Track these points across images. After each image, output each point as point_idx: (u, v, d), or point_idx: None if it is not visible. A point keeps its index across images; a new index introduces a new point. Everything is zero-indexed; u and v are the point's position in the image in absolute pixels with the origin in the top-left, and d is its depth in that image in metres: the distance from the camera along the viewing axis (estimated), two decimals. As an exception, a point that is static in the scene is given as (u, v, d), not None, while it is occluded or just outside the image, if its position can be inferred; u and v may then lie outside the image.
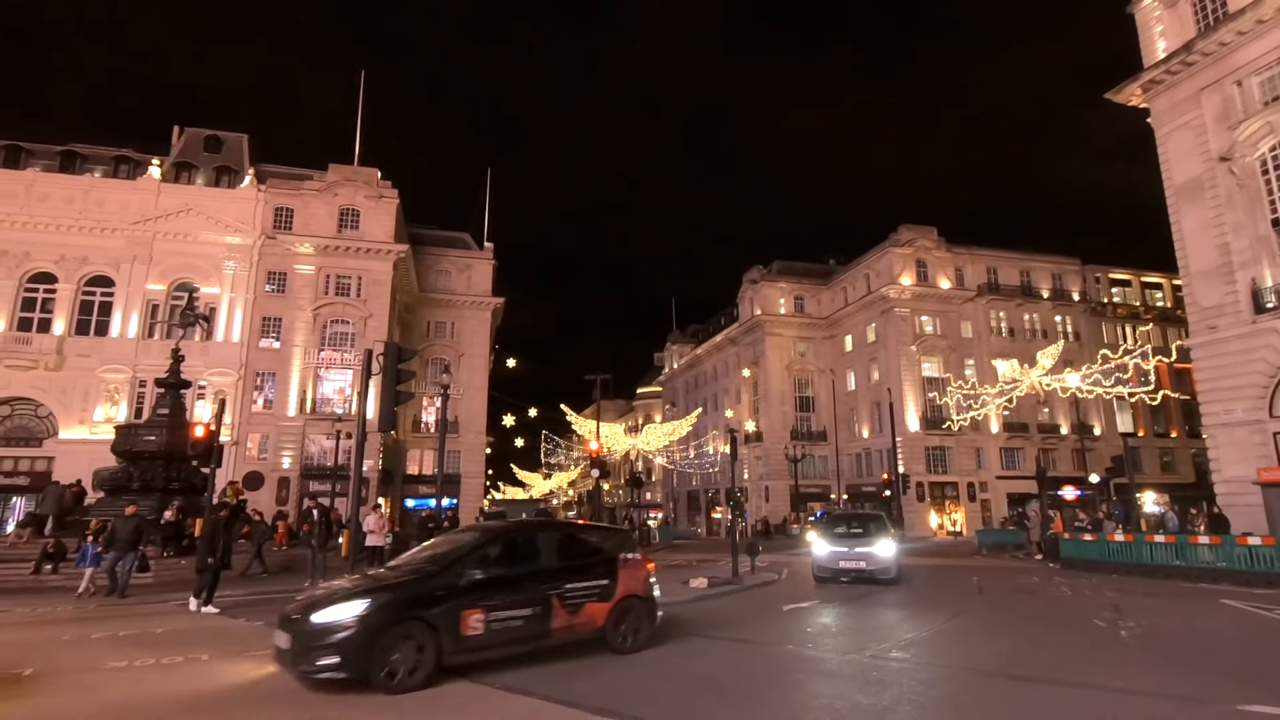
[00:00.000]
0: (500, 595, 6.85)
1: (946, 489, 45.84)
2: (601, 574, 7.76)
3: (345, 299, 39.35)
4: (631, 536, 9.42)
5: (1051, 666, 7.25)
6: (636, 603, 7.92)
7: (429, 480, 41.68)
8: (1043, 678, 6.73)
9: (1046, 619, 10.64)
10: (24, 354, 34.73)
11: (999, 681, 6.62)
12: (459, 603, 6.54)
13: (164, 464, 18.91)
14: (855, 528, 15.69)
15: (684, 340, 74.81)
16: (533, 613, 7.00)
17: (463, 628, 6.48)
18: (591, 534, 8.85)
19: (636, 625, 7.87)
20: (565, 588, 7.33)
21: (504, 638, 6.78)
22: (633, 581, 7.96)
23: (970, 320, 48.80)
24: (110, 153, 39.96)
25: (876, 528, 15.37)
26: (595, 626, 7.49)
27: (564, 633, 7.23)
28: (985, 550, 27.21)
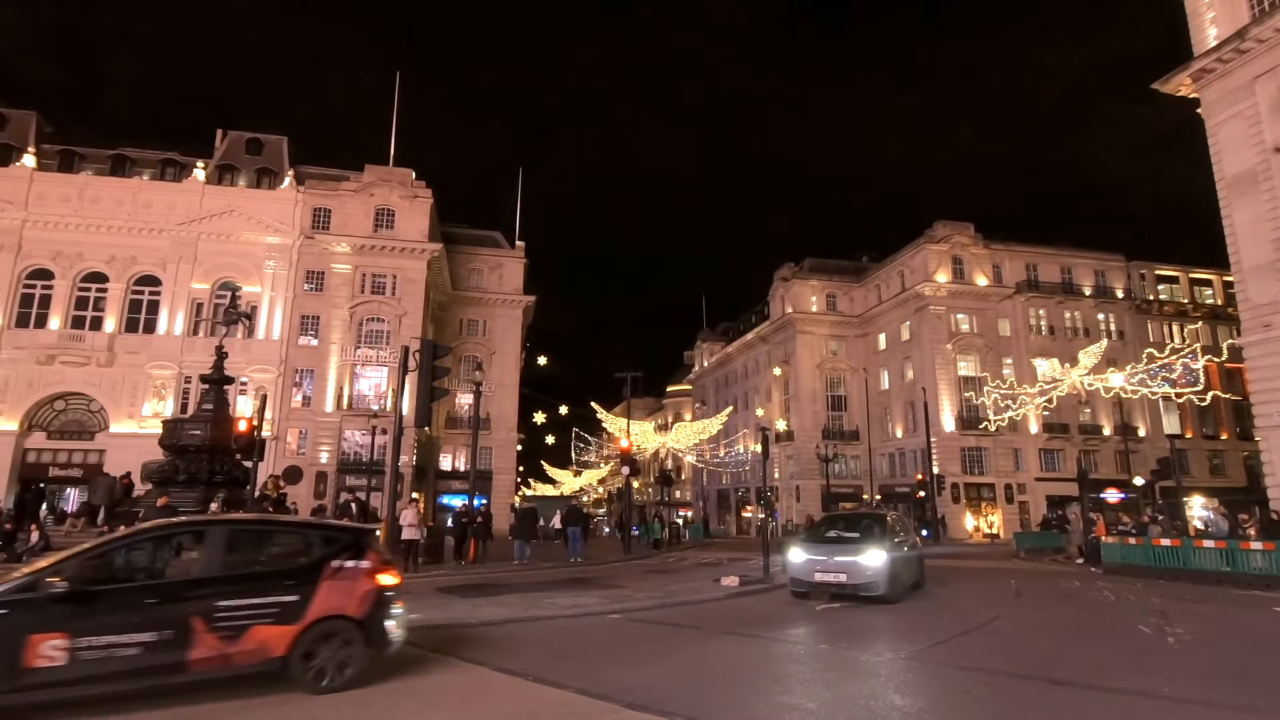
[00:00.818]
0: (103, 614, 5.25)
1: (983, 491, 44.93)
2: (287, 587, 5.91)
3: (381, 297, 40.10)
4: (366, 535, 6.94)
5: (1094, 672, 7.06)
6: (345, 627, 6.00)
7: (462, 476, 42.26)
8: (1084, 683, 6.56)
9: (1088, 624, 10.38)
10: (77, 351, 36.16)
11: (1038, 685, 6.48)
12: (22, 623, 5.04)
13: (208, 457, 19.45)
14: (849, 531, 12.82)
15: (714, 338, 74.54)
16: (157, 638, 5.32)
17: (26, 657, 4.97)
18: (284, 533, 6.93)
19: (342, 658, 5.93)
20: (218, 604, 5.59)
21: (102, 670, 5.15)
22: (341, 598, 6.03)
23: (1008, 318, 47.71)
24: (157, 156, 41.30)
25: (877, 532, 12.34)
26: (268, 656, 5.71)
27: (212, 665, 5.51)
28: (1024, 553, 26.59)
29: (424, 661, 7.25)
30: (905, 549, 12.75)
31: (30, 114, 40.62)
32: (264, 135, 43.20)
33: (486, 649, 7.72)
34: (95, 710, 5.21)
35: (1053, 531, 30.35)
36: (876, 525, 12.88)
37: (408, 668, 6.96)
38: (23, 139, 39.16)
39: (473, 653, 7.49)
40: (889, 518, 13.90)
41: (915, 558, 13.62)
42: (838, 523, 14.08)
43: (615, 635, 9.17)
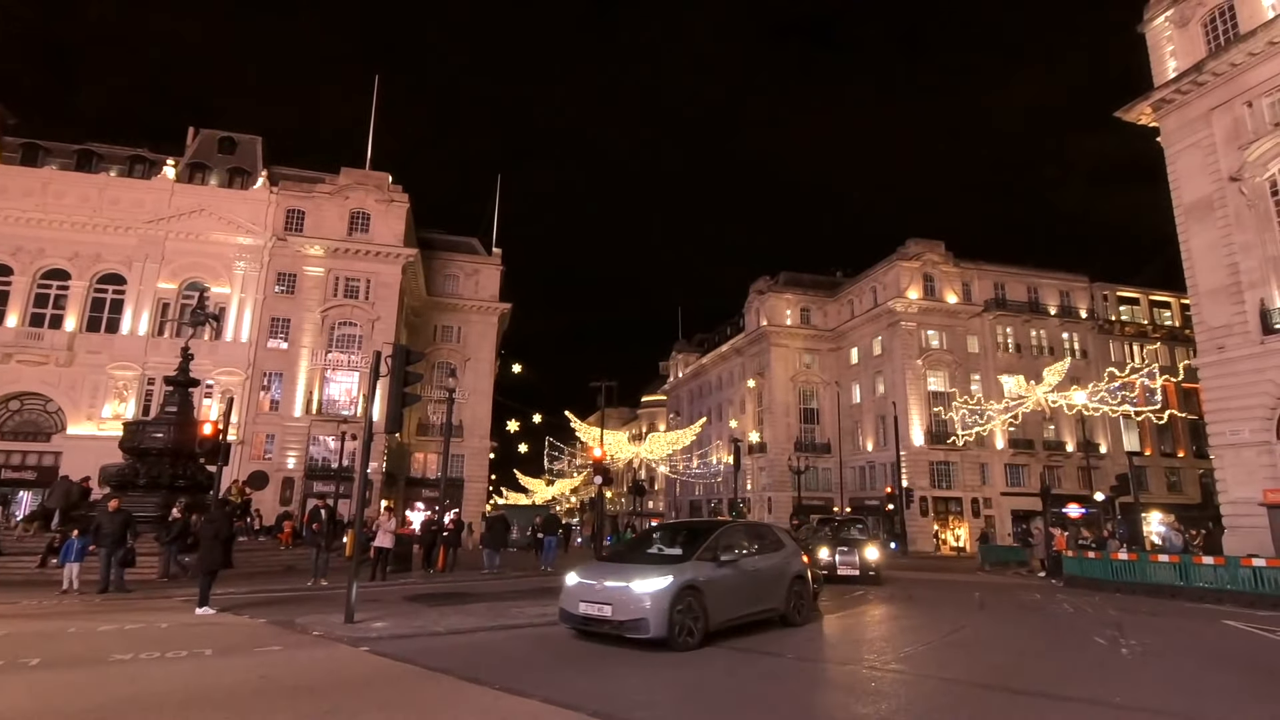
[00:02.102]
0: None
1: (950, 504, 45.65)
2: None
3: (354, 301, 39.63)
4: None
5: (1052, 681, 7.25)
6: None
7: (432, 484, 41.75)
8: (1043, 692, 6.73)
9: (1048, 635, 10.61)
10: (35, 349, 35.10)
11: (999, 695, 6.63)
12: None
13: (171, 461, 19.05)
14: (672, 546, 9.64)
15: (689, 349, 74.86)
16: None
17: None
18: None
19: None
20: None
21: None
22: None
23: (977, 335, 48.73)
24: (126, 152, 40.47)
25: (698, 544, 9.16)
26: None
27: None
28: (989, 566, 27.06)
29: (389, 670, 7.17)
30: (737, 567, 9.16)
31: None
32: (237, 134, 42.60)
33: (453, 658, 7.66)
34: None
35: (1017, 545, 30.95)
36: (703, 535, 9.49)
37: (372, 676, 6.89)
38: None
39: (439, 661, 7.43)
40: (737, 525, 10.72)
41: (770, 577, 9.82)
42: (672, 532, 10.39)
43: (584, 645, 9.14)
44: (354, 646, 8.35)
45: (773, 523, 19.13)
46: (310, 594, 13.90)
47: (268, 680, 6.69)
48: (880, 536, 21.43)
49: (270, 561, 19.74)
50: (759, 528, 11.45)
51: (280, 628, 9.69)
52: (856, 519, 20.67)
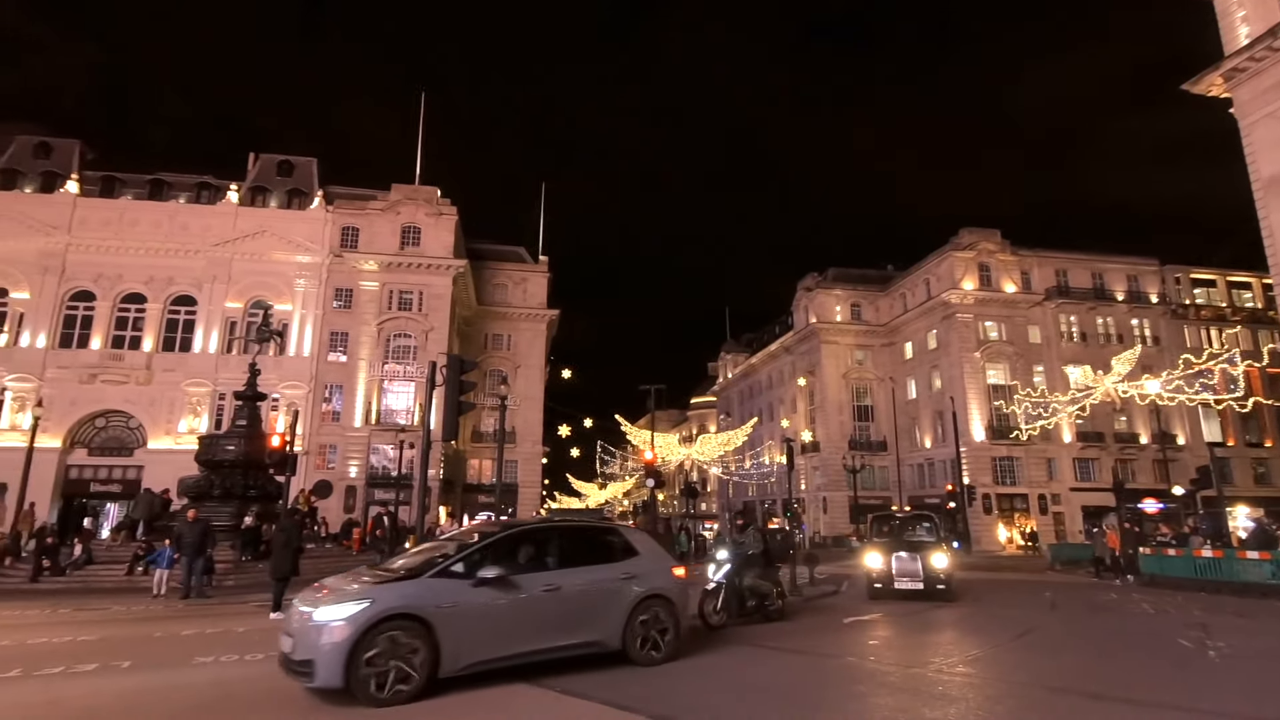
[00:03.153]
0: None
1: (1016, 501, 44.00)
2: None
3: (407, 313, 40.77)
4: None
5: (1130, 685, 6.91)
6: None
7: (488, 489, 42.55)
8: (1120, 696, 6.42)
9: (1126, 637, 10.13)
10: (117, 369, 37.29)
11: (1072, 699, 6.36)
12: None
13: (243, 472, 19.90)
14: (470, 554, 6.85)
15: (738, 350, 74.29)
16: None
17: None
18: None
19: None
20: None
21: None
22: None
23: (1038, 325, 46.90)
24: (193, 180, 42.60)
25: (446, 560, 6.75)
26: None
27: None
28: (1059, 565, 25.97)
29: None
30: (511, 585, 6.61)
31: (73, 142, 42.22)
32: (294, 157, 44.35)
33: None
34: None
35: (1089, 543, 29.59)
36: (500, 542, 7.13)
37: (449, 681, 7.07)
38: (66, 166, 40.68)
39: (500, 664, 7.55)
40: (540, 528, 7.93)
41: (590, 598, 7.18)
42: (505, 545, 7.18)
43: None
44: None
45: (617, 524, 12.03)
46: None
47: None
48: (946, 536, 16.54)
49: (337, 568, 20.42)
50: (593, 531, 8.59)
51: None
52: (923, 516, 16.06)
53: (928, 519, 15.71)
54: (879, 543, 14.71)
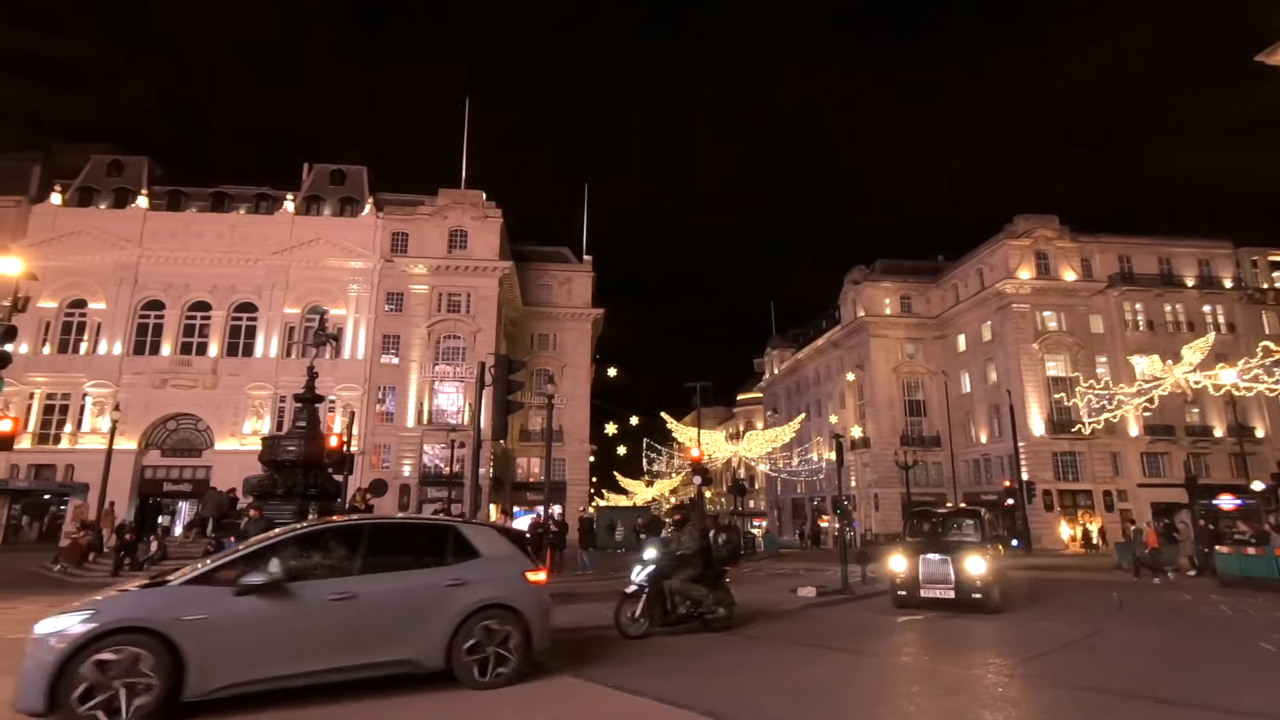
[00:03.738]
0: None
1: (1079, 498, 42.31)
2: None
3: (456, 315, 41.65)
4: None
5: (1207, 691, 6.58)
6: None
7: (536, 487, 43.12)
8: (1196, 703, 6.12)
9: (1201, 639, 9.65)
10: (185, 374, 39.17)
11: (1143, 705, 6.10)
12: None
13: (303, 472, 20.60)
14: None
15: (784, 345, 73.41)
16: None
17: None
18: None
19: None
20: None
21: None
22: None
23: (1101, 314, 44.96)
24: (251, 191, 44.39)
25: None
26: None
27: None
28: (1127, 564, 24.87)
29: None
30: (287, 594, 5.72)
31: (142, 159, 44.47)
32: (346, 166, 45.73)
33: (564, 656, 7.89)
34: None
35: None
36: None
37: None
38: (136, 182, 42.88)
39: (552, 660, 7.67)
40: (347, 525, 6.76)
41: (397, 609, 6.16)
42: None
43: (690, 644, 9.18)
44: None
45: (489, 523, 11.65)
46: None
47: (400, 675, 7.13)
48: (1000, 535, 14.10)
49: (393, 563, 21.03)
50: (420, 529, 7.46)
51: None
52: (968, 512, 14.27)
53: (973, 515, 13.49)
54: (911, 543, 12.71)
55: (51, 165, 42.85)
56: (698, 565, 9.71)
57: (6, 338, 9.19)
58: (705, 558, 9.90)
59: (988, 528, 12.66)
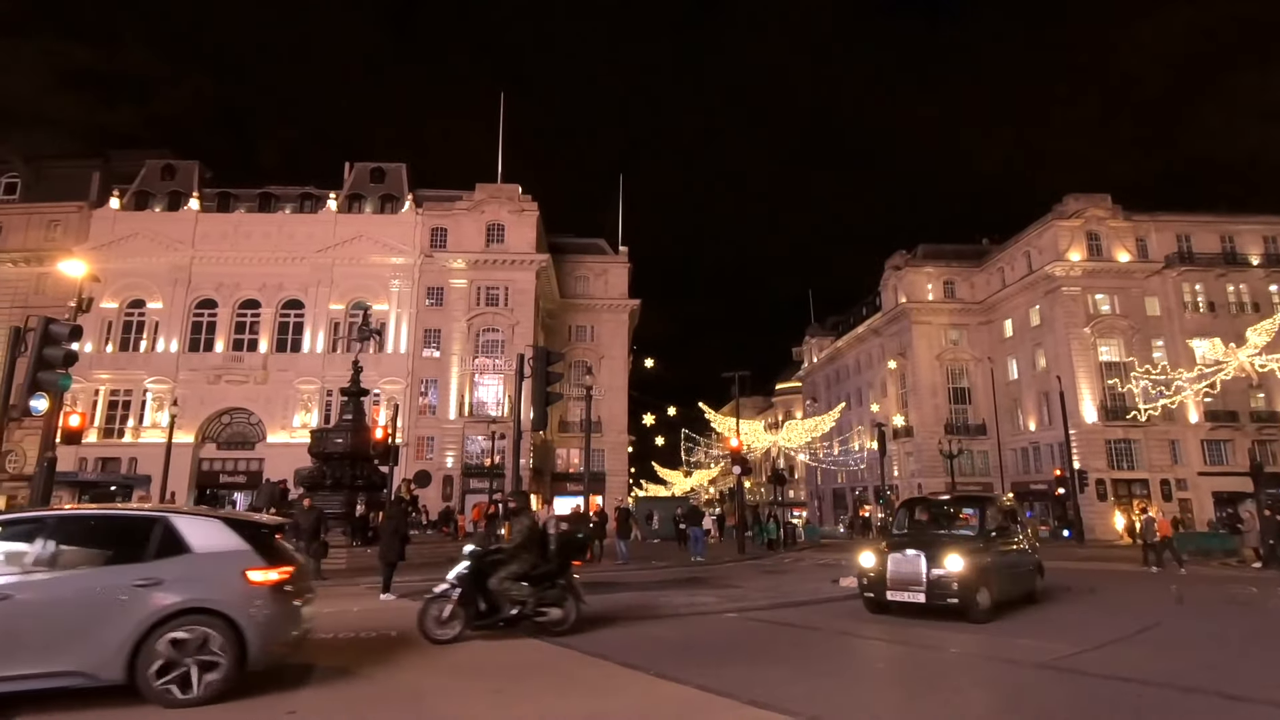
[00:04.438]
0: None
1: (1134, 487, 40.83)
2: None
3: (495, 309, 42.19)
4: None
5: (1275, 686, 6.30)
6: None
7: (576, 478, 43.51)
8: (1264, 699, 5.86)
9: (1270, 634, 9.24)
10: (238, 370, 40.58)
11: (1206, 699, 5.87)
12: None
13: (350, 464, 21.19)
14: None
15: (823, 333, 72.44)
16: None
17: None
18: None
19: None
20: None
21: None
22: None
23: (1157, 296, 43.17)
24: (296, 191, 45.57)
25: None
26: None
27: None
28: (1186, 556, 23.95)
29: (551, 654, 7.59)
30: None
31: (193, 163, 46.01)
32: (385, 164, 46.57)
33: (607, 644, 7.97)
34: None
35: (1223, 532, 27.17)
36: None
37: (535, 659, 7.33)
38: (188, 186, 44.42)
39: (596, 647, 7.76)
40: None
41: (49, 608, 5.38)
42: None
43: (733, 634, 9.18)
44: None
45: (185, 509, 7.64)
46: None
47: (443, 660, 7.31)
48: (1010, 527, 11.68)
49: (437, 554, 21.44)
50: (113, 521, 6.35)
51: (451, 613, 10.53)
52: (971, 500, 12.31)
53: (977, 504, 11.41)
54: (895, 538, 10.61)
55: (109, 171, 44.71)
56: (526, 560, 8.34)
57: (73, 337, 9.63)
58: (539, 551, 8.61)
59: (991, 520, 10.65)
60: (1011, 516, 12.35)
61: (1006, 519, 11.29)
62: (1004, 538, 10.76)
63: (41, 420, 16.22)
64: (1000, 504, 11.98)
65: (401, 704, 5.73)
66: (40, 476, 14.85)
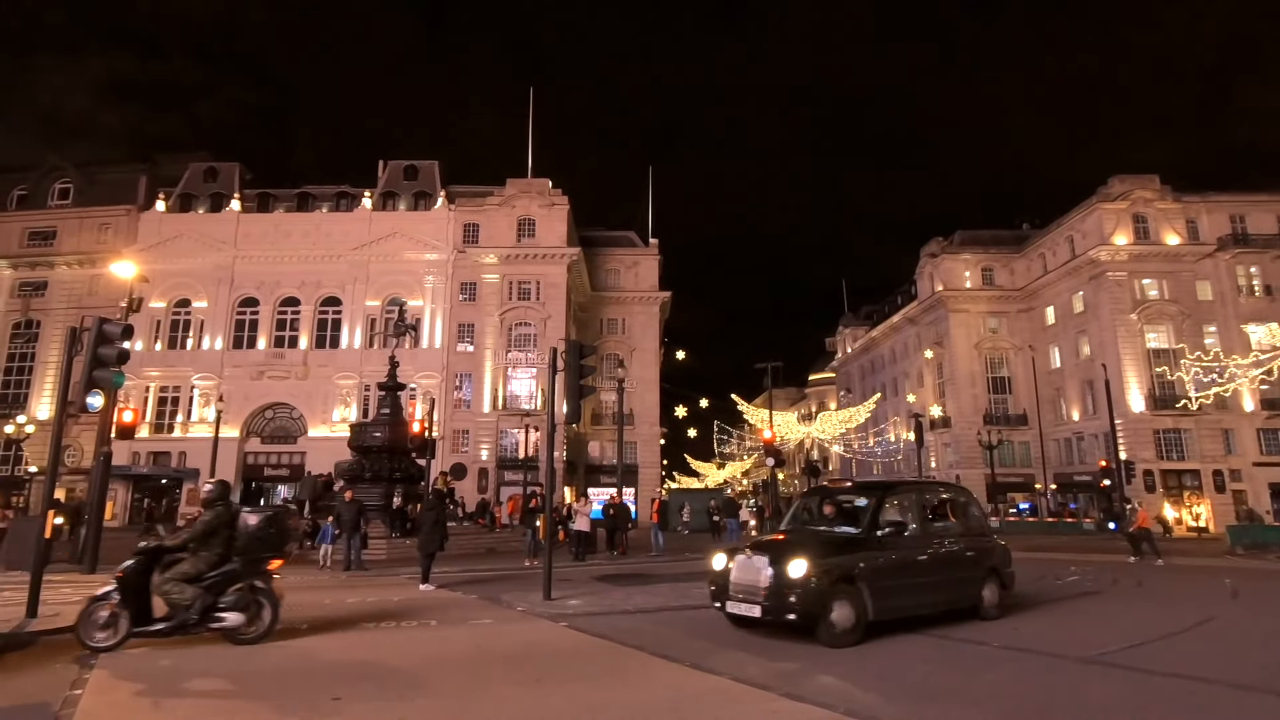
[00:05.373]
0: None
1: (1185, 478, 39.48)
2: None
3: (527, 303, 42.54)
4: None
5: (1340, 686, 6.04)
6: None
7: (610, 470, 43.74)
8: (1327, 698, 5.63)
9: (1331, 631, 8.84)
10: (279, 366, 41.68)
11: (1264, 699, 5.66)
12: None
13: (389, 456, 21.65)
14: None
15: (857, 323, 71.45)
16: None
17: None
18: None
19: None
20: None
21: None
22: None
23: (1209, 280, 41.55)
24: (332, 190, 46.50)
25: None
26: None
27: None
28: (1241, 549, 23.10)
29: (587, 644, 7.66)
30: None
31: (234, 165, 47.26)
32: (418, 161, 47.21)
33: (643, 635, 8.00)
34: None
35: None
36: None
37: (572, 649, 7.40)
38: (230, 187, 45.64)
39: (631, 638, 7.80)
40: None
41: None
42: None
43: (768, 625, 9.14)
44: (554, 622, 9.03)
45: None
46: (512, 573, 15.20)
47: (481, 649, 7.45)
48: (938, 529, 8.96)
49: (474, 545, 21.86)
50: None
51: (489, 603, 10.73)
52: (869, 486, 10.18)
53: (875, 491, 8.93)
54: (761, 540, 9.13)
55: (155, 175, 46.19)
56: (204, 559, 7.11)
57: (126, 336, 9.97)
58: (223, 547, 7.23)
59: (895, 512, 8.51)
60: (957, 509, 9.32)
61: (928, 512, 8.88)
62: (904, 535, 8.28)
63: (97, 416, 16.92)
64: (939, 493, 9.74)
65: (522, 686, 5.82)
66: (97, 470, 15.52)
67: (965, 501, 9.60)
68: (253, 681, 5.99)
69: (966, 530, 9.16)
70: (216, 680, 6.10)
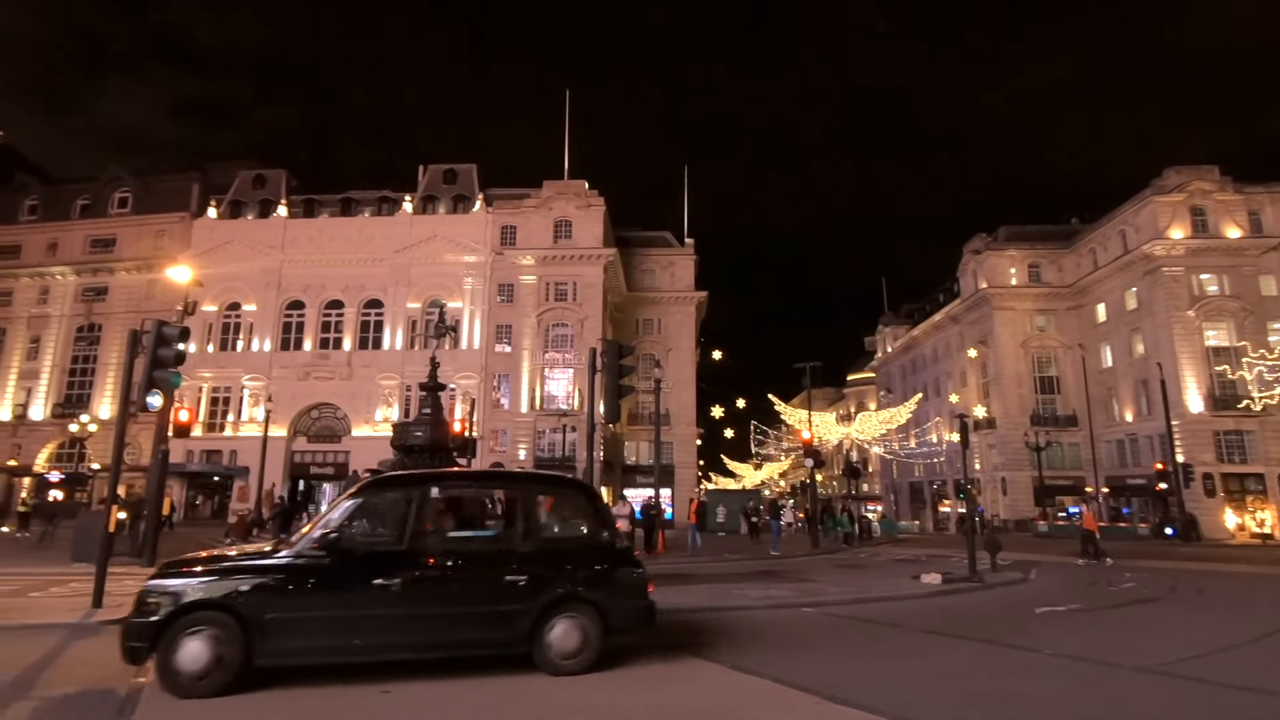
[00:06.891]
0: None
1: (1247, 481, 37.71)
2: None
3: (564, 303, 42.84)
4: None
5: None
6: None
7: (646, 470, 43.78)
8: None
9: None
10: (325, 368, 42.79)
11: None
12: None
13: (430, 456, 21.96)
14: None
15: (897, 322, 70.11)
16: None
17: None
18: None
19: None
20: None
21: None
22: None
23: (1273, 274, 39.62)
24: (374, 195, 47.55)
25: None
26: None
27: None
28: None
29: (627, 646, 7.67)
30: None
31: (281, 172, 48.69)
32: (457, 166, 47.95)
33: (682, 635, 7.99)
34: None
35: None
36: None
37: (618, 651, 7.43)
38: (277, 193, 47.04)
39: (671, 638, 7.79)
40: None
41: None
42: None
43: (810, 629, 9.05)
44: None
45: None
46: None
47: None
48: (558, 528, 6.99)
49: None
50: None
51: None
52: (497, 479, 9.16)
53: (516, 483, 7.33)
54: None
55: (207, 183, 47.88)
56: None
57: (183, 338, 10.36)
58: None
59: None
60: (521, 505, 6.55)
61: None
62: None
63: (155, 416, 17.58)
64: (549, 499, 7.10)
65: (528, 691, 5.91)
66: (155, 467, 16.15)
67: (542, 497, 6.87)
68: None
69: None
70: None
